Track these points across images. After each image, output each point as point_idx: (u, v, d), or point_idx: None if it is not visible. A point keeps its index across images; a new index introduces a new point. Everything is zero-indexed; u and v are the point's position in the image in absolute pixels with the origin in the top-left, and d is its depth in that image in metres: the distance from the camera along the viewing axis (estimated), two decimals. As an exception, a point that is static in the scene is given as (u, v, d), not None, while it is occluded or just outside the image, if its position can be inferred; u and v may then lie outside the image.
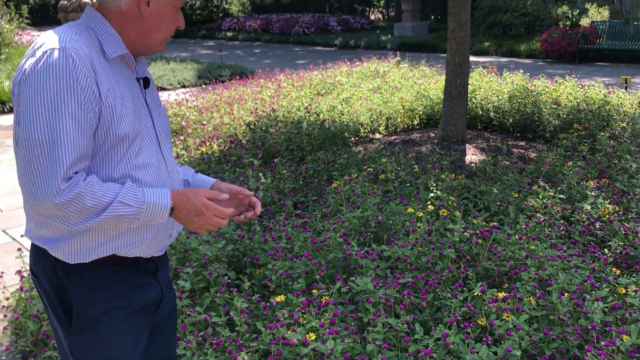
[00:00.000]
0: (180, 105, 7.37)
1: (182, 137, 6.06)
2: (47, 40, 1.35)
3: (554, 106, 6.10)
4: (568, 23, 13.71)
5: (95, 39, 1.41)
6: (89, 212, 1.32)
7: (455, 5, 5.29)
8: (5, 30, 12.52)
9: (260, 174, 4.27)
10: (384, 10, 29.43)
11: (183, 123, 6.62)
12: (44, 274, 1.47)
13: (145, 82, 1.55)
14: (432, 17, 23.82)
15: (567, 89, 6.90)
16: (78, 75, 1.31)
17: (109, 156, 1.39)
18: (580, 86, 7.16)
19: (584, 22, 14.82)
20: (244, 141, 5.35)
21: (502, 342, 2.24)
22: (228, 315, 2.54)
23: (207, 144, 5.47)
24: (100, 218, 1.33)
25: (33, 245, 1.50)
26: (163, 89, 11.04)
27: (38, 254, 1.47)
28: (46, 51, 1.31)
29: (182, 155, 5.17)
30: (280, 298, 2.51)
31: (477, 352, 2.16)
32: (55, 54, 1.30)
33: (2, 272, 3.44)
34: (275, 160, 4.66)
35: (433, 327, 2.39)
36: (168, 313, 1.68)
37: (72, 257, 1.42)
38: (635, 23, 12.09)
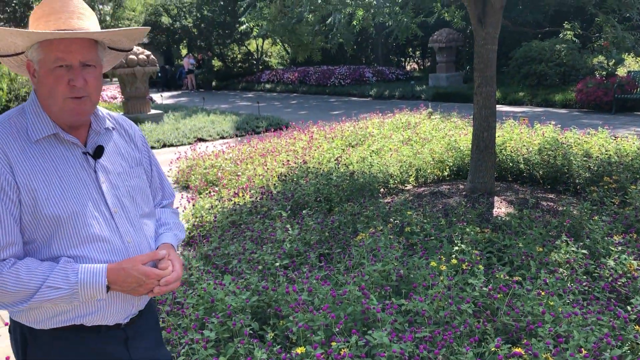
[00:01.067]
0: (217, 157, 7.66)
1: (217, 188, 6.29)
2: None
3: (584, 158, 6.10)
4: (604, 73, 13.66)
5: (23, 124, 1.46)
6: (16, 297, 1.37)
7: (480, 61, 5.44)
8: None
9: (288, 226, 4.41)
10: (419, 61, 29.88)
11: (219, 174, 6.87)
12: (13, 331, 1.56)
13: (98, 152, 1.54)
14: (467, 68, 24.06)
15: (599, 141, 6.88)
16: None
17: (44, 237, 1.43)
18: (613, 138, 7.13)
19: (621, 71, 14.75)
20: (274, 192, 5.53)
21: (516, 399, 2.26)
22: (249, 366, 2.64)
23: (240, 195, 5.66)
24: (32, 301, 1.37)
25: None
26: (203, 140, 11.45)
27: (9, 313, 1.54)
28: None
29: (216, 206, 5.37)
30: (300, 350, 2.60)
31: (489, 409, 2.19)
32: None
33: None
34: (304, 211, 4.80)
35: (448, 382, 2.43)
36: None
37: (31, 324, 1.47)
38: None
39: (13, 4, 9.26)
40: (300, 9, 5.27)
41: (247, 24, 6.31)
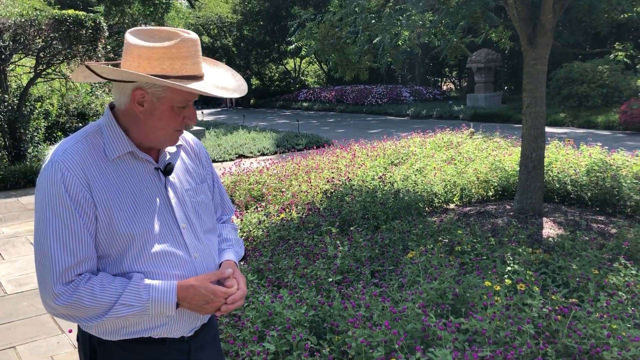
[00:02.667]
0: (261, 172, 7.77)
1: (262, 204, 6.37)
2: (50, 152, 1.49)
3: (635, 181, 5.98)
4: (649, 94, 13.42)
5: (99, 142, 1.49)
6: (91, 312, 1.42)
7: (530, 82, 5.43)
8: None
9: (338, 242, 4.45)
10: (456, 81, 29.80)
11: (264, 190, 6.96)
12: (82, 341, 1.60)
13: (168, 169, 1.58)
14: (505, 88, 23.88)
15: (649, 163, 6.74)
16: (67, 186, 1.40)
17: (117, 252, 1.48)
18: (664, 160, 6.97)
19: (667, 93, 14.43)
20: (321, 209, 5.58)
21: (584, 422, 2.23)
22: (310, 379, 2.66)
23: (287, 210, 5.73)
24: (107, 317, 1.42)
25: None
26: (244, 156, 11.63)
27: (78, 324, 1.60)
28: (44, 165, 1.45)
29: (264, 221, 5.44)
30: (359, 365, 2.62)
31: None
32: (48, 168, 1.43)
33: (70, 330, 3.71)
34: (352, 228, 4.83)
35: (512, 403, 2.41)
36: None
37: (100, 335, 1.52)
38: None
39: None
40: (350, 28, 5.36)
41: (295, 43, 6.43)
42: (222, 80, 1.55)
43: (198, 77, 1.48)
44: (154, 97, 1.47)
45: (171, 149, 1.64)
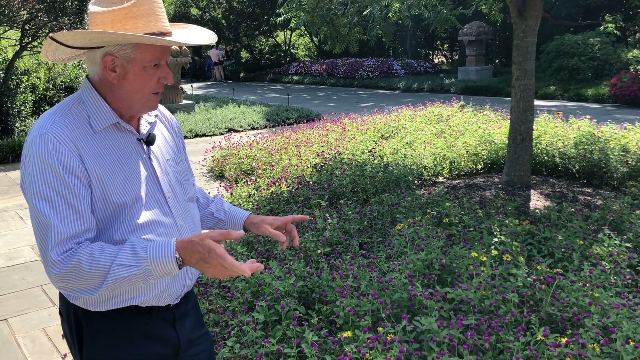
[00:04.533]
0: (251, 147, 7.76)
1: (253, 177, 6.38)
2: (34, 125, 1.45)
3: (622, 153, 6.04)
4: (639, 67, 13.42)
5: (84, 114, 1.47)
6: (92, 278, 1.38)
7: (519, 54, 5.42)
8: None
9: (327, 215, 4.48)
10: (447, 54, 29.65)
11: (254, 164, 6.97)
12: (66, 315, 1.59)
13: (150, 139, 1.58)
14: (497, 61, 23.81)
15: (637, 136, 6.80)
16: (60, 158, 1.38)
17: (110, 223, 1.47)
18: (651, 132, 7.03)
19: (656, 66, 14.45)
20: (311, 182, 5.60)
21: (565, 386, 2.30)
22: (299, 348, 2.71)
23: (277, 184, 5.75)
24: (108, 282, 1.38)
25: None
26: (234, 130, 11.58)
27: (62, 296, 1.59)
28: (30, 138, 1.42)
29: (254, 195, 5.46)
30: (347, 334, 2.67)
31: (539, 394, 2.23)
32: (37, 141, 1.39)
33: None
34: (341, 201, 4.86)
35: (495, 368, 2.47)
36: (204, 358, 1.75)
37: (88, 306, 1.51)
38: None
39: None
40: None
41: (284, 15, 6.36)
42: (191, 33, 1.56)
43: (165, 34, 1.48)
44: (124, 60, 1.45)
45: (149, 119, 1.64)
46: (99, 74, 1.48)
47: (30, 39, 9.77)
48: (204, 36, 1.57)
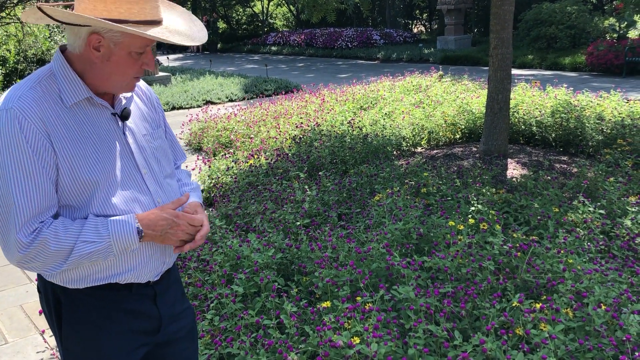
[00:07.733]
0: (229, 119, 7.67)
1: (231, 150, 6.33)
2: (1, 98, 1.41)
3: (597, 121, 6.11)
4: (615, 36, 13.50)
5: (55, 88, 1.43)
6: (56, 257, 1.38)
7: (497, 23, 5.39)
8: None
9: (306, 187, 4.47)
10: (426, 24, 29.48)
11: (232, 137, 6.90)
12: (44, 291, 1.57)
13: (125, 114, 1.55)
14: (475, 30, 23.75)
15: (612, 104, 6.87)
16: (26, 135, 1.34)
17: (82, 200, 1.44)
18: (626, 100, 7.11)
19: (632, 34, 14.56)
20: (290, 154, 5.57)
21: (538, 350, 2.35)
22: (278, 319, 2.73)
23: (255, 156, 5.71)
24: (71, 260, 1.39)
25: None
26: (212, 102, 11.44)
27: (40, 274, 1.57)
28: None
29: (232, 167, 5.42)
30: (326, 304, 2.68)
31: (514, 359, 2.28)
32: (3, 116, 1.35)
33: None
34: (320, 173, 4.85)
35: (471, 335, 2.52)
36: (184, 335, 1.74)
37: (65, 283, 1.50)
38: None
39: None
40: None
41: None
42: (182, 26, 1.51)
43: (157, 22, 1.43)
44: (111, 42, 1.41)
45: (126, 94, 1.60)
46: (80, 49, 1.43)
47: (-3, 10, 9.47)
48: (195, 35, 1.52)
